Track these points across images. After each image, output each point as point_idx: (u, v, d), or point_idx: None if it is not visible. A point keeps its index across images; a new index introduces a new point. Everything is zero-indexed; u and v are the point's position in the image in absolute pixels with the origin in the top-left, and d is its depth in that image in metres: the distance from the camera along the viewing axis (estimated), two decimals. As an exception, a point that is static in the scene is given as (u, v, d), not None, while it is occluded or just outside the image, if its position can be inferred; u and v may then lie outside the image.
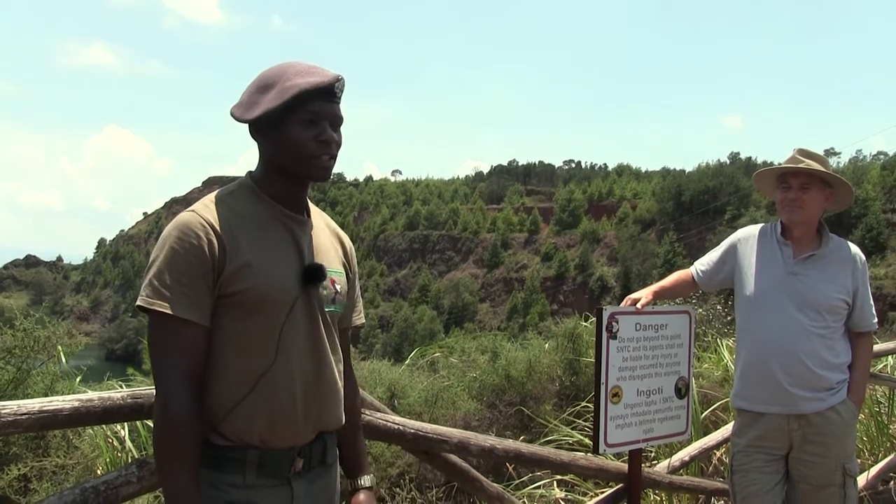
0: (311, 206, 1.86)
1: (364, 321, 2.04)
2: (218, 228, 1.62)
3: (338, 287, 1.81)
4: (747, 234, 3.21)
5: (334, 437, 1.88)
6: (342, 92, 1.73)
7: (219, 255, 1.60)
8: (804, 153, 3.00)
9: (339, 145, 1.73)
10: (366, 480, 1.94)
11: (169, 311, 1.56)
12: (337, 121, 1.72)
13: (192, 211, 1.65)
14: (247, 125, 1.71)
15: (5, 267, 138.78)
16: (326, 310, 1.77)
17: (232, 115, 1.70)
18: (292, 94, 1.62)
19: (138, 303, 1.58)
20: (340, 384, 1.82)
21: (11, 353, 4.05)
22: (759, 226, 3.22)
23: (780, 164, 3.08)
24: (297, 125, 1.66)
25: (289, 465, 1.71)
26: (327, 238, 1.87)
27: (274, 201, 1.73)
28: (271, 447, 1.68)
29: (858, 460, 3.27)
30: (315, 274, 1.72)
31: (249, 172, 1.79)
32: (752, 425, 3.05)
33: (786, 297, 2.97)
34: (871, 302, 3.09)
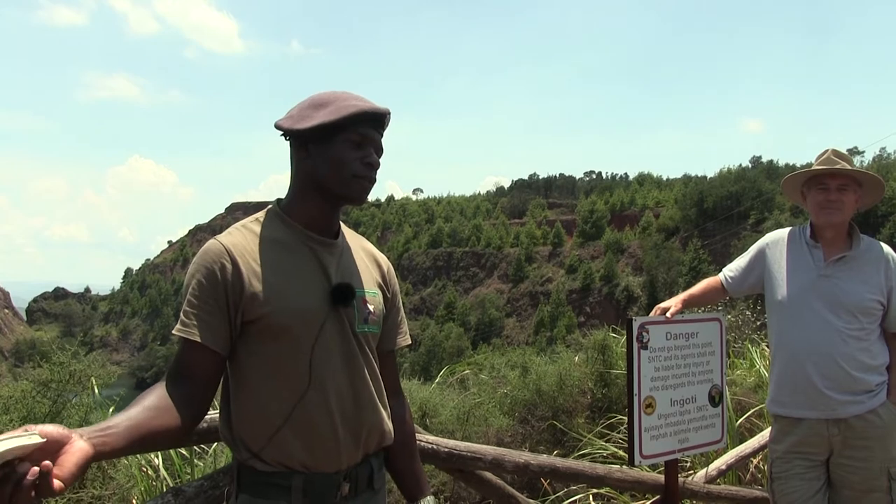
0: (346, 229, 1.88)
1: (409, 342, 2.03)
2: (234, 254, 1.65)
3: (371, 307, 1.81)
4: (776, 239, 3.17)
5: (381, 459, 1.87)
6: (387, 126, 1.78)
7: (232, 280, 1.63)
8: (838, 154, 2.98)
9: (376, 173, 1.76)
10: (428, 501, 1.93)
11: (179, 334, 1.61)
12: (380, 150, 1.76)
13: (215, 238, 1.70)
14: (287, 141, 1.76)
15: (35, 300, 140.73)
16: (359, 330, 1.77)
17: (279, 126, 1.73)
18: (350, 112, 1.67)
19: None
20: (381, 403, 1.81)
21: (48, 387, 4.09)
22: (787, 229, 3.19)
23: (812, 165, 3.05)
24: (345, 144, 1.70)
25: (335, 490, 1.71)
26: (361, 260, 1.87)
27: (300, 226, 1.74)
28: (315, 471, 1.68)
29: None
30: (343, 293, 1.72)
31: (278, 200, 1.81)
32: (791, 431, 3.01)
33: (818, 300, 2.93)
34: None
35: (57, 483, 1.16)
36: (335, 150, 1.69)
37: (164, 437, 1.51)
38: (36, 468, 1.14)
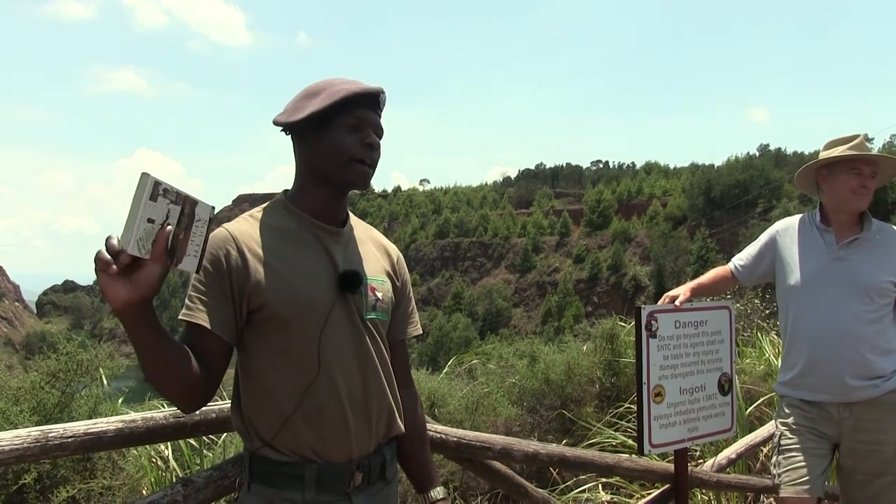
0: (355, 218, 1.87)
1: (420, 332, 2.01)
2: (240, 241, 1.64)
3: (379, 294, 1.79)
4: (786, 226, 3.16)
5: (393, 449, 1.86)
6: (384, 105, 1.76)
7: (237, 267, 1.62)
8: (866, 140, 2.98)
9: (378, 154, 1.74)
10: (439, 492, 1.92)
11: (185, 319, 1.61)
12: (379, 130, 1.74)
13: (221, 226, 1.69)
14: (289, 136, 1.74)
15: (45, 293, 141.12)
16: (367, 317, 1.75)
17: (276, 122, 1.72)
18: (341, 97, 1.65)
19: None
20: (390, 390, 1.80)
21: (56, 377, 4.10)
22: (797, 216, 3.18)
23: (820, 152, 3.04)
24: (342, 129, 1.68)
25: (348, 480, 1.70)
26: (369, 248, 1.86)
27: (307, 214, 1.73)
28: (328, 460, 1.67)
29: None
30: (350, 280, 1.71)
31: (285, 190, 1.81)
32: (801, 408, 3.00)
33: (832, 283, 2.92)
34: None
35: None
36: (332, 136, 1.68)
37: (180, 371, 1.50)
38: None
